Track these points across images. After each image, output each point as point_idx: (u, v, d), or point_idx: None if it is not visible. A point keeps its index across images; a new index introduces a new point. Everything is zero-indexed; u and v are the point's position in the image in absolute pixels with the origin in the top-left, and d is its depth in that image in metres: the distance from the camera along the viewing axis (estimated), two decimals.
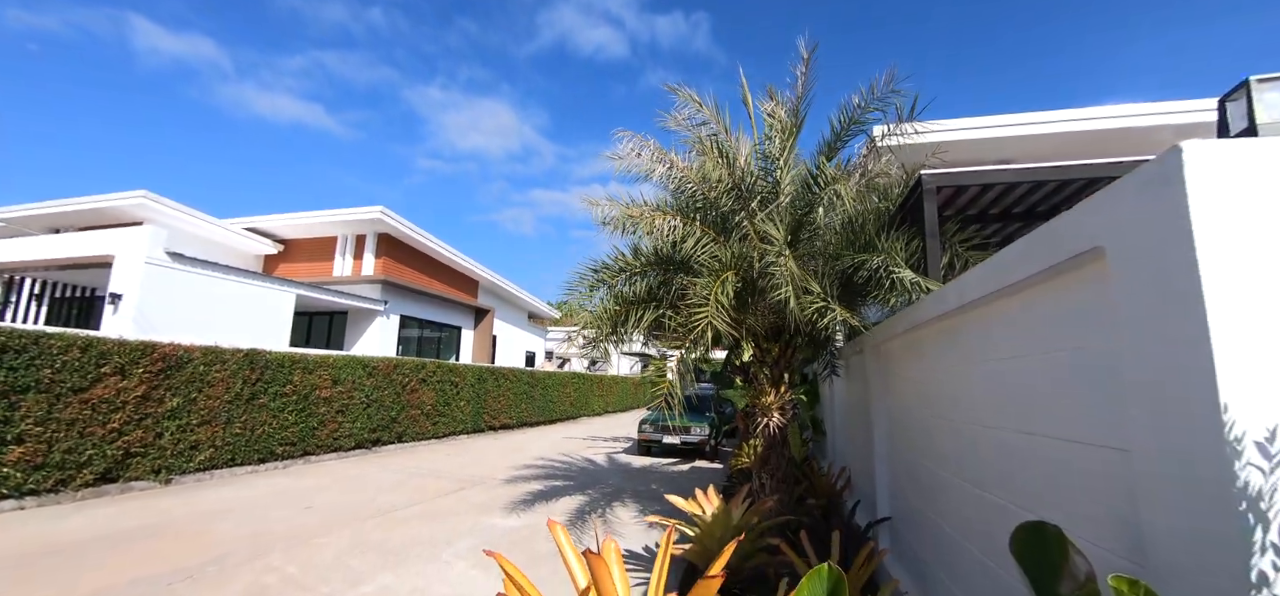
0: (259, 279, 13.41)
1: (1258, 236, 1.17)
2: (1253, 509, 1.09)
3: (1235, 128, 1.65)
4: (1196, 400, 1.18)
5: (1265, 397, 1.11)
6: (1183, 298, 1.21)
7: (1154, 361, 1.32)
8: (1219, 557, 1.14)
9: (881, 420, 4.72)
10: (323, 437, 10.32)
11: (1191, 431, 1.20)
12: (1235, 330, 1.14)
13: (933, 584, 3.43)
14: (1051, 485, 1.91)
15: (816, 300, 4.10)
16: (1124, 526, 1.48)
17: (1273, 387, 1.12)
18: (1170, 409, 1.27)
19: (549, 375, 20.36)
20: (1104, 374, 1.56)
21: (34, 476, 6.34)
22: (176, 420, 7.88)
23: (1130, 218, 1.39)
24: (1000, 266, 2.17)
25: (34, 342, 6.45)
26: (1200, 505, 1.19)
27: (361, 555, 5.13)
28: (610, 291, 5.36)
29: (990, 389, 2.48)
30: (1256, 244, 1.16)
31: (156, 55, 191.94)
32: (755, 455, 6.37)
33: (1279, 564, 1.07)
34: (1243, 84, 1.61)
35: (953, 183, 4.28)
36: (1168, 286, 1.26)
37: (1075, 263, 1.64)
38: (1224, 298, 1.15)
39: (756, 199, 4.83)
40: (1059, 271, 1.77)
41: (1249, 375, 1.12)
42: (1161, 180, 1.27)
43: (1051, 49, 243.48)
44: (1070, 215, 1.65)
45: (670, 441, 12.64)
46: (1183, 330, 1.21)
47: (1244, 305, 1.14)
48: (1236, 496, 1.10)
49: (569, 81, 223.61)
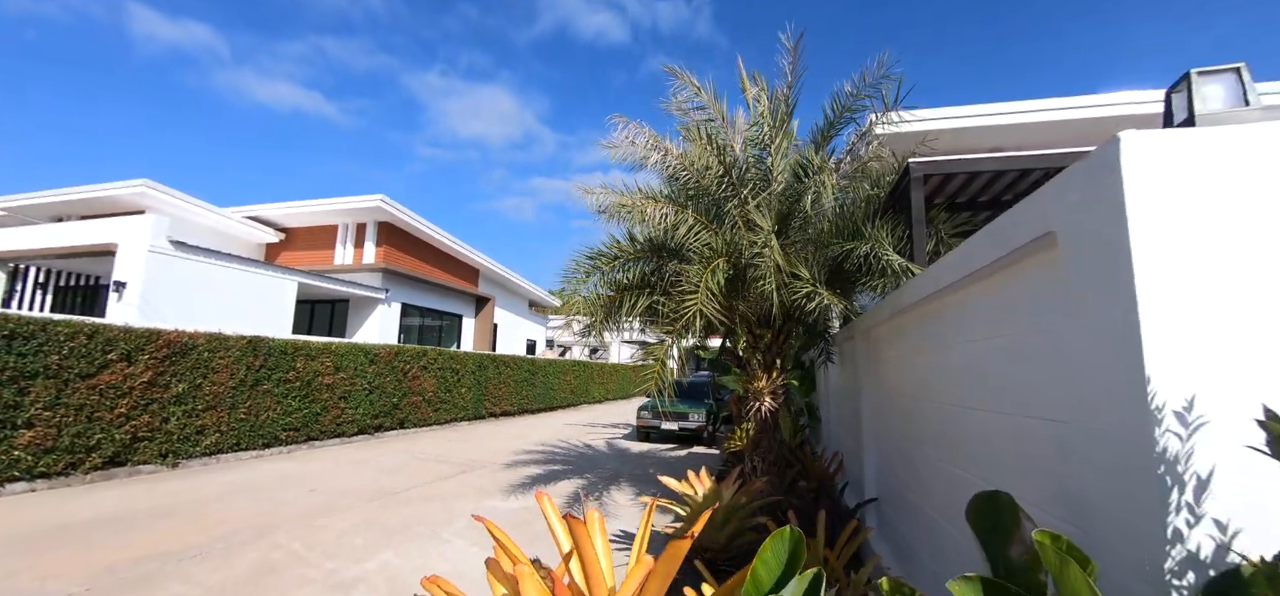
0: (261, 267, 13.52)
1: (1186, 221, 1.25)
2: (1170, 471, 1.19)
3: (1178, 118, 1.72)
4: (1125, 374, 1.28)
5: (1185, 370, 1.21)
6: (1116, 278, 1.30)
7: (1093, 339, 1.41)
8: (1142, 517, 1.24)
9: (869, 404, 4.82)
10: (326, 423, 10.48)
11: (1120, 403, 1.30)
12: (1161, 308, 1.23)
13: (914, 560, 3.55)
14: (1013, 459, 2.02)
15: (805, 286, 4.19)
16: (1068, 493, 1.58)
17: (1192, 361, 1.21)
18: (1104, 383, 1.36)
19: (550, 363, 20.52)
20: (1056, 353, 1.66)
21: (45, 459, 6.50)
22: (182, 405, 8.03)
23: (1077, 203, 1.47)
24: (970, 252, 2.26)
25: (41, 329, 6.58)
26: (1127, 470, 1.28)
27: (364, 534, 5.28)
28: (604, 278, 5.45)
29: (965, 371, 2.57)
30: (1184, 228, 1.25)
31: (154, 42, 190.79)
32: (747, 438, 6.49)
33: (1191, 521, 1.17)
34: (1185, 77, 1.68)
35: (940, 171, 4.35)
36: (1105, 268, 1.35)
37: (1033, 247, 1.72)
38: (1152, 278, 1.24)
39: (748, 187, 4.90)
40: (1022, 255, 1.86)
41: (1171, 350, 1.21)
42: (1103, 167, 1.35)
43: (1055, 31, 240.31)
44: (1027, 201, 1.74)
45: (669, 427, 12.82)
46: (1116, 309, 1.31)
47: (1170, 285, 1.23)
48: (1156, 461, 1.20)
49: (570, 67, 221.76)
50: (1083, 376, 1.46)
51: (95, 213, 14.81)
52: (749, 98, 5.07)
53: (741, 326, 5.89)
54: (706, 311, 3.99)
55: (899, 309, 3.60)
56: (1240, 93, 1.61)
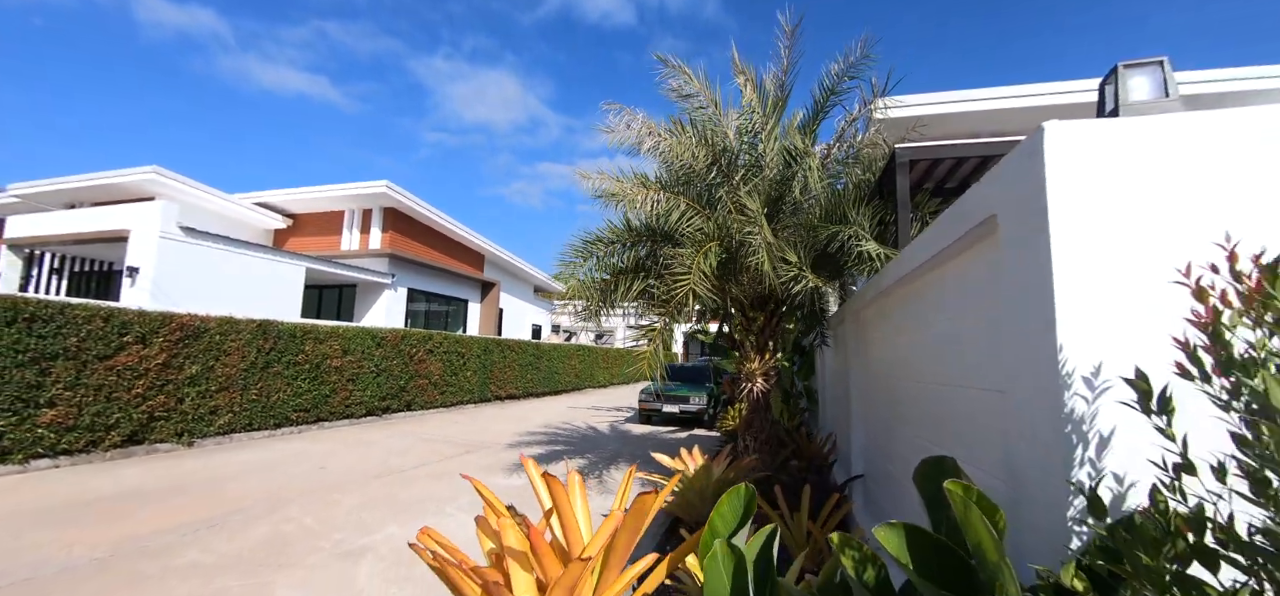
0: (270, 252, 13.77)
1: (1100, 204, 1.37)
2: (1075, 430, 1.32)
3: (1108, 108, 1.82)
4: (1043, 344, 1.40)
5: (1094, 340, 1.33)
6: (1038, 257, 1.42)
7: (1021, 313, 1.54)
8: (1053, 472, 1.37)
9: (857, 384, 4.96)
10: (335, 405, 10.76)
11: (1040, 372, 1.42)
12: (1075, 283, 1.35)
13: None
14: (971, 430, 2.15)
15: (792, 269, 4.31)
16: (1006, 457, 1.72)
17: (1100, 332, 1.33)
18: (1028, 354, 1.49)
19: (554, 347, 20.76)
20: (997, 328, 1.78)
21: (67, 437, 6.78)
22: (196, 386, 8.29)
23: (1010, 188, 1.59)
24: (934, 234, 2.37)
25: (60, 312, 6.82)
26: (1043, 431, 1.42)
27: (372, 509, 5.51)
28: (600, 262, 5.58)
29: (935, 349, 2.70)
30: (1099, 210, 1.37)
31: (159, 28, 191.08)
32: (740, 418, 6.65)
33: (1093, 475, 1.30)
34: (1114, 69, 1.78)
35: (927, 156, 4.43)
36: (1030, 247, 1.47)
37: (981, 230, 1.84)
38: (1068, 256, 1.36)
39: (740, 172, 5.01)
40: (974, 238, 1.98)
41: (1082, 321, 1.34)
42: (1030, 155, 1.47)
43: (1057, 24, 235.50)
44: (976, 186, 1.85)
45: (670, 410, 13.03)
46: (1039, 284, 1.43)
47: (1084, 262, 1.36)
48: (1064, 420, 1.33)
49: (575, 50, 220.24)
50: (1013, 348, 1.59)
51: (106, 199, 15.09)
52: (740, 86, 5.15)
53: (735, 310, 6.02)
54: (699, 292, 4.13)
55: (880, 291, 3.72)
56: (1162, 85, 1.71)
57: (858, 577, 1.77)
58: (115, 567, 3.93)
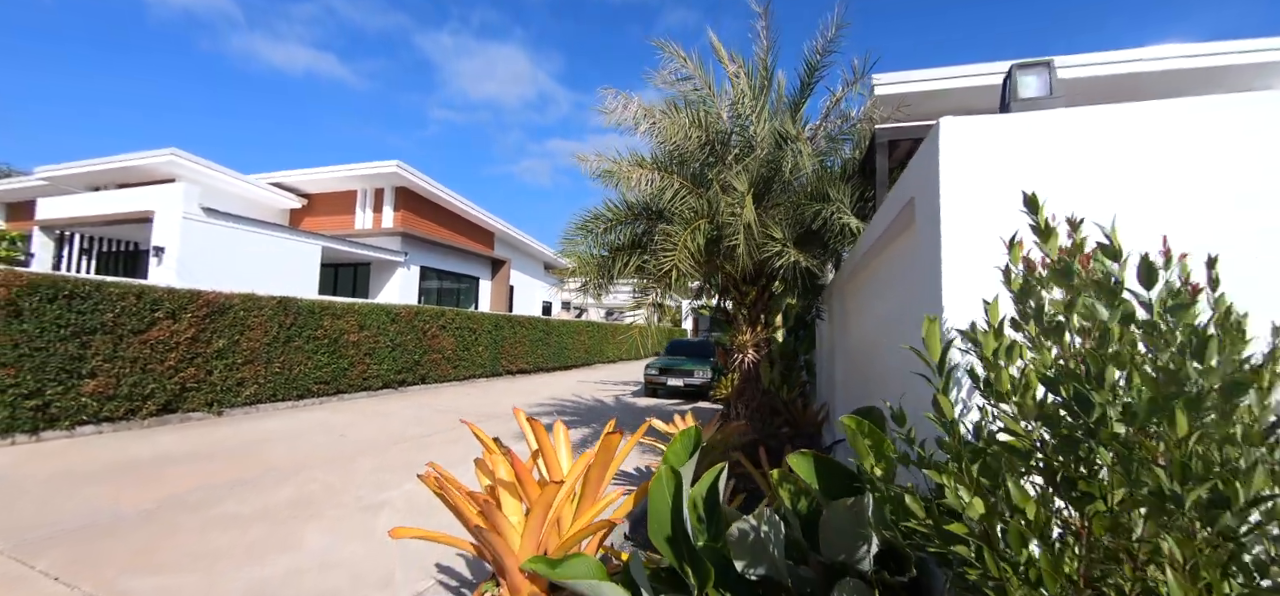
0: (287, 232, 14.24)
1: (980, 188, 1.64)
2: (950, 375, 1.61)
3: (1002, 104, 2.05)
4: (935, 308, 1.69)
5: (966, 304, 1.61)
6: (933, 237, 1.70)
7: (924, 282, 1.82)
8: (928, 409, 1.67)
9: (840, 352, 5.25)
10: (353, 378, 11.28)
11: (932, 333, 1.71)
12: (957, 254, 1.63)
13: None
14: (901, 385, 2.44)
15: (777, 245, 4.58)
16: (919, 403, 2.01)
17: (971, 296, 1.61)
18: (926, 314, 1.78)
19: (564, 323, 21.20)
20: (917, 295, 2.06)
21: (108, 406, 7.31)
22: (223, 360, 8.80)
23: (923, 174, 1.86)
24: (885, 212, 2.64)
25: (96, 289, 7.30)
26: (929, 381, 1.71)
27: (390, 471, 5.96)
28: (598, 239, 5.88)
29: (896, 318, 2.98)
30: (979, 194, 1.64)
31: (167, 7, 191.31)
32: (732, 388, 6.98)
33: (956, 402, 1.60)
34: (1010, 69, 2.00)
35: (907, 136, 4.62)
36: (929, 228, 1.75)
37: (908, 212, 2.11)
38: (952, 236, 1.64)
39: (733, 152, 5.24)
40: (908, 219, 2.25)
41: (960, 288, 1.62)
42: (931, 146, 1.73)
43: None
44: (906, 172, 2.12)
45: (675, 383, 13.43)
46: (932, 256, 1.71)
47: (965, 238, 1.63)
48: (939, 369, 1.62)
49: (584, 23, 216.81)
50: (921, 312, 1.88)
51: (128, 182, 15.61)
52: (729, 73, 5.35)
53: (728, 285, 6.30)
54: (683, 267, 4.41)
55: (856, 266, 3.98)
56: (1048, 84, 1.93)
57: (792, 506, 2.11)
58: (160, 518, 4.40)
